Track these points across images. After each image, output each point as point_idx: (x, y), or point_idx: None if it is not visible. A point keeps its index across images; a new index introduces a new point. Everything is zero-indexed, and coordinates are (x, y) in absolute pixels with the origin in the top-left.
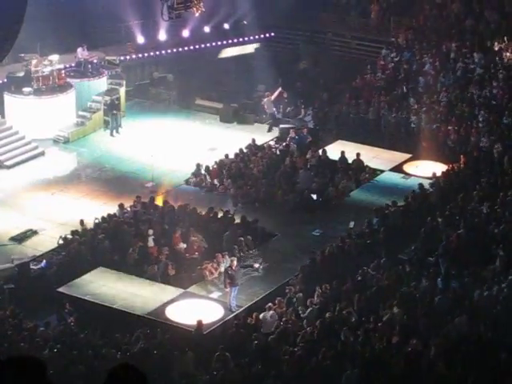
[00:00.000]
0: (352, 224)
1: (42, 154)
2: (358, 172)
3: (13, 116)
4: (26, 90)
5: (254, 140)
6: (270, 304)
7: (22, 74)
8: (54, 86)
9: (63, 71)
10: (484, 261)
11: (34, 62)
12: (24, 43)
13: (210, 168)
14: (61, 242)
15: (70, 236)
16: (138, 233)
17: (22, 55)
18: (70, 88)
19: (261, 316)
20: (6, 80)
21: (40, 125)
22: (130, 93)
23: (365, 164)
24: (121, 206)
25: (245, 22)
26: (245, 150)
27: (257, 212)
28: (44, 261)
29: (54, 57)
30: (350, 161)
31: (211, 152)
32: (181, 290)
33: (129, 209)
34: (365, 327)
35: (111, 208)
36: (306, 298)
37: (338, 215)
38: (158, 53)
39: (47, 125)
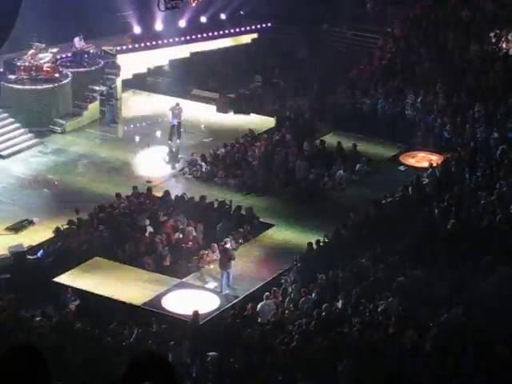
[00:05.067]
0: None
1: (38, 143)
2: (355, 163)
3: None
4: (11, 77)
5: (250, 130)
6: (267, 293)
7: (17, 62)
8: (38, 77)
9: (53, 64)
10: (480, 251)
11: (30, 51)
12: (20, 33)
13: (206, 158)
14: (58, 231)
15: (66, 226)
16: (134, 223)
17: (31, 43)
18: (59, 80)
19: (259, 305)
20: (1, 70)
21: (34, 114)
22: (127, 83)
23: (361, 155)
24: (118, 196)
25: (242, 13)
26: (241, 140)
27: (254, 202)
28: (41, 251)
29: (54, 49)
30: (346, 151)
31: (207, 142)
32: (177, 280)
33: (125, 198)
34: (361, 317)
35: (108, 198)
36: (301, 288)
37: (334, 206)
38: (154, 43)
39: (40, 115)
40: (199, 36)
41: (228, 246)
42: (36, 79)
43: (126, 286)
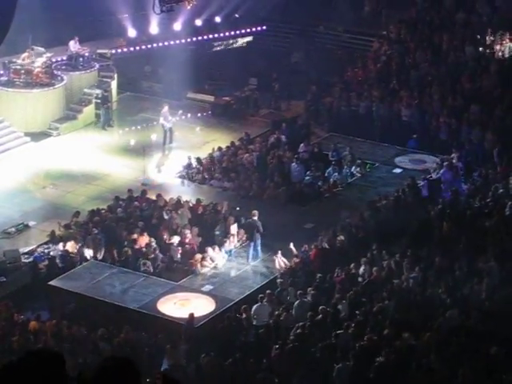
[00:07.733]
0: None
1: (32, 147)
2: (350, 165)
3: (3, 108)
4: (2, 79)
5: (246, 133)
6: (261, 295)
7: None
8: (28, 80)
9: (45, 69)
10: (475, 254)
11: (24, 54)
12: (17, 36)
13: (202, 161)
14: (53, 234)
15: (62, 229)
16: (130, 226)
17: (32, 47)
18: (50, 85)
19: (253, 308)
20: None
21: (25, 118)
22: (122, 86)
23: (356, 157)
24: (116, 199)
25: (237, 16)
26: (237, 144)
27: (249, 205)
28: (36, 254)
29: (48, 54)
30: (341, 154)
31: (203, 145)
32: (173, 284)
33: (121, 203)
34: (356, 320)
35: (103, 201)
36: (297, 291)
37: (329, 208)
38: (149, 46)
39: (29, 118)
40: (194, 39)
41: (256, 218)
42: (26, 83)
43: (121, 290)
